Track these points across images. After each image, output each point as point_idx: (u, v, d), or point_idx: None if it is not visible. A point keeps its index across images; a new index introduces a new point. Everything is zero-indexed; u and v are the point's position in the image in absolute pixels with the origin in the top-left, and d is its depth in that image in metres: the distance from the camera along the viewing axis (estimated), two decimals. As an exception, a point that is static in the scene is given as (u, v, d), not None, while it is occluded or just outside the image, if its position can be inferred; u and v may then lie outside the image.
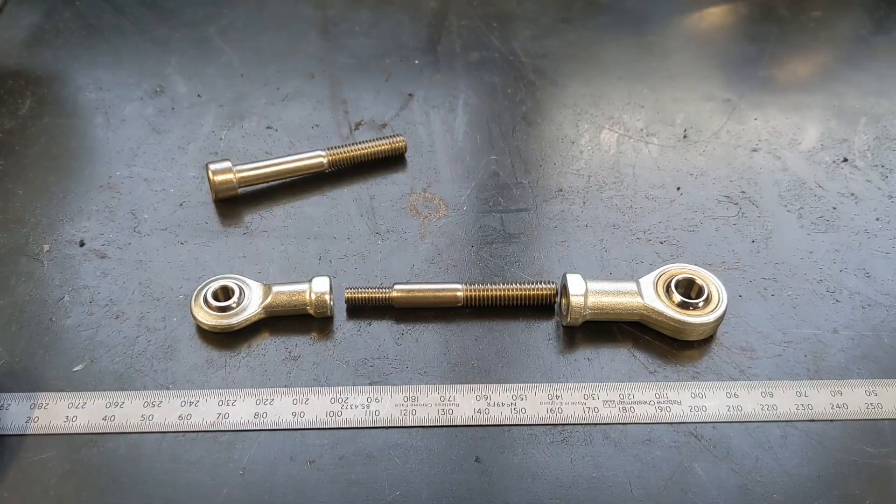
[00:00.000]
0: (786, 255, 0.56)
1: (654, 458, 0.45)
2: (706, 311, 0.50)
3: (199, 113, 0.67)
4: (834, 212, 0.60)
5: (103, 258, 0.55)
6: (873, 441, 0.46)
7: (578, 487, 0.44)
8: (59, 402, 0.46)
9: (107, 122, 0.66)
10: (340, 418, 0.46)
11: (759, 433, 0.46)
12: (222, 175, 0.58)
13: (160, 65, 0.71)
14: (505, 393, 0.48)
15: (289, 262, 0.55)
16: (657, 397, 0.48)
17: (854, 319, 0.52)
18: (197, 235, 0.57)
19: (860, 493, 0.43)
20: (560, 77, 0.72)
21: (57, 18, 0.76)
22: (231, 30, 0.76)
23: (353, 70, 0.72)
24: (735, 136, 0.66)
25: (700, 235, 0.58)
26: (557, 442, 0.46)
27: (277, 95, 0.69)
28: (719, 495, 0.43)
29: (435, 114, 0.68)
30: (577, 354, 0.50)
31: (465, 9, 0.79)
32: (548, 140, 0.66)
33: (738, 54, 0.75)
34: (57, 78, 0.70)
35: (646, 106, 0.69)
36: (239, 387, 0.48)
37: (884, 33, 0.77)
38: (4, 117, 0.66)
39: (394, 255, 0.56)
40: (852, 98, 0.70)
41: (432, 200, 0.60)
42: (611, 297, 0.50)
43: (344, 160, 0.61)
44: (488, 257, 0.56)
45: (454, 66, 0.72)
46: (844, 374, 0.49)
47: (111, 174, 0.61)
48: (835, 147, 0.65)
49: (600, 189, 0.61)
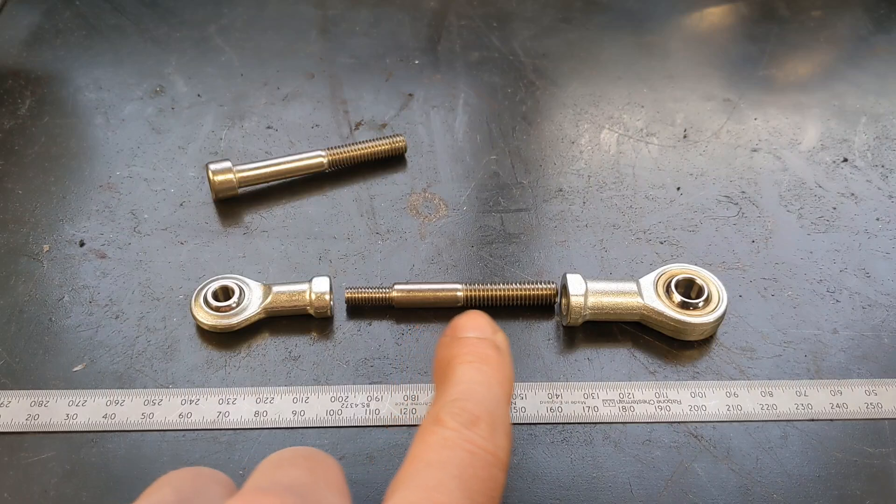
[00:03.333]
0: (786, 255, 0.56)
1: (654, 458, 0.45)
2: (706, 311, 0.50)
3: (199, 113, 0.67)
4: (834, 212, 0.60)
5: (103, 258, 0.55)
6: (873, 441, 0.46)
7: (578, 487, 0.44)
8: (60, 399, 0.46)
9: (107, 122, 0.66)
10: (340, 417, 0.46)
11: (759, 433, 0.46)
12: (222, 175, 0.58)
13: (160, 65, 0.71)
14: (505, 393, 0.48)
15: (289, 262, 0.55)
16: (657, 396, 0.48)
17: (854, 319, 0.52)
18: (197, 235, 0.57)
19: (860, 493, 0.44)
20: (560, 77, 0.72)
21: (57, 18, 0.76)
22: (231, 30, 0.76)
23: (353, 70, 0.72)
24: (735, 136, 0.66)
25: (700, 235, 0.58)
26: (557, 442, 0.46)
27: (277, 95, 0.69)
28: (719, 495, 0.43)
29: (435, 114, 0.68)
30: (577, 354, 0.50)
31: (465, 9, 0.79)
32: (548, 140, 0.66)
33: (738, 54, 0.75)
34: (57, 78, 0.70)
35: (646, 106, 0.69)
36: (239, 387, 0.48)
37: (884, 33, 0.77)
38: (4, 117, 0.66)
39: (394, 255, 0.56)
40: (852, 98, 0.70)
41: (432, 200, 0.60)
42: (611, 297, 0.50)
43: (344, 160, 0.61)
44: (488, 257, 0.56)
45: (454, 66, 0.72)
46: (844, 374, 0.49)
47: (111, 174, 0.61)
48: (835, 147, 0.65)
49: (600, 189, 0.61)
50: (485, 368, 0.36)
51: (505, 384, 0.36)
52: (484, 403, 0.33)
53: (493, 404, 0.34)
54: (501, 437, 0.33)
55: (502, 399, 0.35)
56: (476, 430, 0.32)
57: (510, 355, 0.38)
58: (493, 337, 0.38)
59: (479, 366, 0.36)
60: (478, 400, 0.33)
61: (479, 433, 0.32)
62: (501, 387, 0.35)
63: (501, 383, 0.36)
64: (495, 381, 0.35)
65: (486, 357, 0.36)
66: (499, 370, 0.36)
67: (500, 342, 0.38)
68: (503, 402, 0.35)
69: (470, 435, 0.32)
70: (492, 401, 0.34)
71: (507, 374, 0.37)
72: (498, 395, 0.35)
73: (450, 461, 0.31)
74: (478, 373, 0.35)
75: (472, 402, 0.33)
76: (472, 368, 0.35)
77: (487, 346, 0.37)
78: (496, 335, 0.38)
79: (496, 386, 0.35)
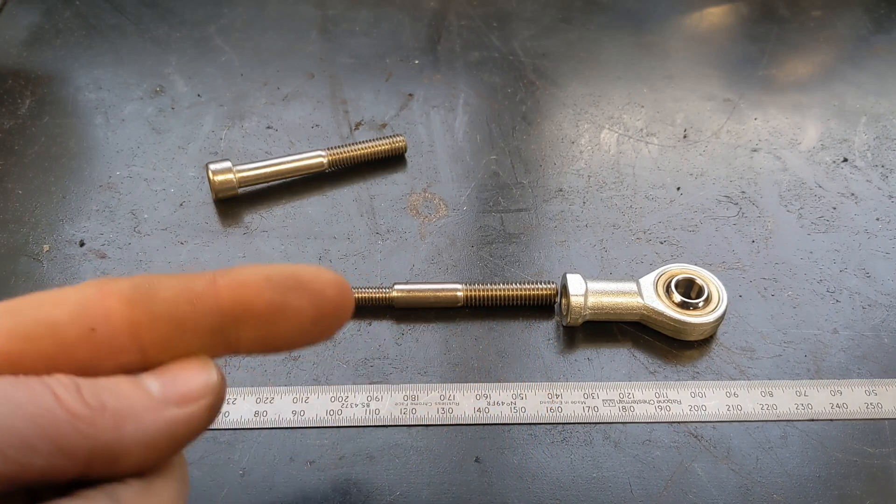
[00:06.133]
0: (786, 255, 0.56)
1: (654, 458, 0.45)
2: (706, 311, 0.50)
3: (199, 113, 0.67)
4: (834, 212, 0.60)
5: (103, 258, 0.55)
6: (873, 441, 0.46)
7: (578, 487, 0.44)
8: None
9: (106, 122, 0.66)
10: (340, 417, 0.46)
11: (759, 433, 0.46)
12: (222, 175, 0.58)
13: (160, 65, 0.71)
14: (504, 392, 0.48)
15: (289, 262, 0.55)
16: (657, 396, 0.48)
17: (854, 319, 0.52)
18: (197, 235, 0.57)
19: (860, 493, 0.43)
20: (560, 77, 0.72)
21: (57, 18, 0.76)
22: (231, 29, 0.76)
23: (353, 70, 0.72)
24: (735, 136, 0.66)
25: (700, 235, 0.58)
26: (557, 442, 0.46)
27: (277, 95, 0.69)
28: (719, 495, 0.43)
29: (435, 114, 0.68)
30: (577, 354, 0.50)
31: (465, 9, 0.79)
32: (548, 140, 0.66)
33: (738, 54, 0.75)
34: (57, 78, 0.70)
35: (646, 106, 0.69)
36: (239, 386, 0.48)
37: (884, 33, 0.77)
38: (4, 117, 0.66)
39: (394, 255, 0.56)
40: (852, 98, 0.70)
41: (432, 200, 0.60)
42: (611, 297, 0.50)
43: (344, 160, 0.61)
44: (488, 257, 0.56)
45: (454, 66, 0.72)
46: (844, 374, 0.49)
47: (111, 174, 0.61)
48: (835, 147, 0.65)
49: (600, 189, 0.61)
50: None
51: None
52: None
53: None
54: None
55: None
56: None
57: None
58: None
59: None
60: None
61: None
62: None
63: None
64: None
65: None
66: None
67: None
68: None
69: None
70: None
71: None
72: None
73: None
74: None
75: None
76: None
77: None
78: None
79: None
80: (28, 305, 0.26)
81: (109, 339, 0.26)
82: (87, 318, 0.26)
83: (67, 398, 0.24)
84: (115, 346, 0.26)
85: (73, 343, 0.26)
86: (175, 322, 0.27)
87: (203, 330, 0.27)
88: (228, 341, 0.28)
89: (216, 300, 0.27)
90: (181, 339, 0.27)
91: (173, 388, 0.26)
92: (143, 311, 0.26)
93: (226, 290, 0.27)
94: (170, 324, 0.27)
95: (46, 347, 0.25)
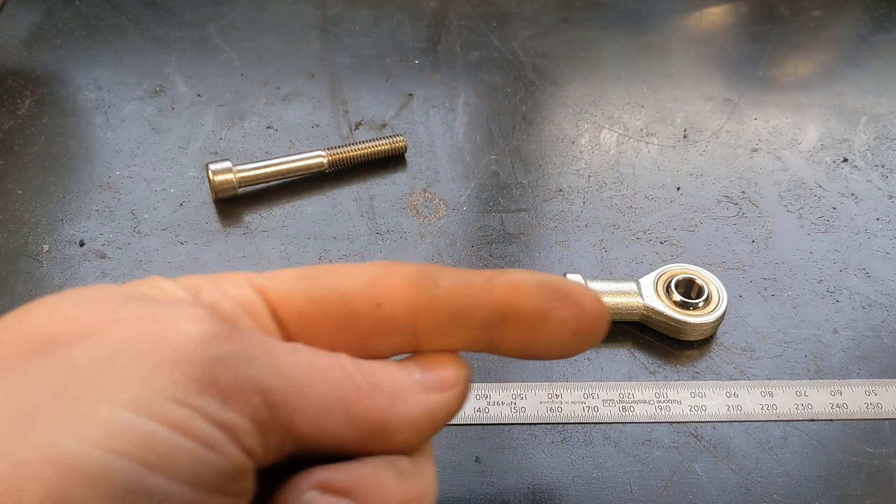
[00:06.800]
0: (786, 255, 0.56)
1: (654, 458, 0.45)
2: (706, 311, 0.50)
3: (199, 113, 0.67)
4: (834, 212, 0.60)
5: (103, 258, 0.55)
6: (873, 441, 0.46)
7: (578, 487, 0.44)
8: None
9: (106, 122, 0.66)
10: (340, 418, 0.46)
11: (759, 433, 0.46)
12: (222, 175, 0.58)
13: (160, 64, 0.71)
14: (504, 391, 0.48)
15: (289, 262, 0.55)
16: (657, 396, 0.48)
17: (854, 319, 0.52)
18: (197, 235, 0.57)
19: (860, 493, 0.43)
20: (560, 77, 0.72)
21: (57, 18, 0.76)
22: (231, 29, 0.76)
23: (353, 70, 0.72)
24: (735, 136, 0.66)
25: (700, 235, 0.58)
26: (557, 442, 0.46)
27: (277, 95, 0.69)
28: (719, 495, 0.43)
29: (435, 114, 0.68)
30: (577, 354, 0.50)
31: (465, 9, 0.79)
32: (548, 140, 0.66)
33: (738, 54, 0.75)
34: (56, 78, 0.70)
35: (646, 106, 0.69)
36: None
37: (884, 33, 0.77)
38: (4, 117, 0.66)
39: (394, 255, 0.56)
40: (852, 98, 0.70)
41: (432, 200, 0.60)
42: (611, 297, 0.50)
43: (344, 160, 0.61)
44: (488, 257, 0.56)
45: (454, 66, 0.72)
46: (844, 374, 0.49)
47: (111, 174, 0.61)
48: (835, 147, 0.65)
49: (600, 189, 0.61)
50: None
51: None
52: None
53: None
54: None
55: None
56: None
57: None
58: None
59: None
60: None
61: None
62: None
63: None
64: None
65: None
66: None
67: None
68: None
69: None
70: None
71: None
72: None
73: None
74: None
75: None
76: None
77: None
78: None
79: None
80: (324, 273, 0.27)
81: (390, 318, 0.27)
82: (376, 294, 0.27)
83: (354, 373, 0.25)
84: (393, 325, 0.27)
85: (360, 315, 0.27)
86: (453, 311, 0.28)
87: (475, 323, 0.28)
88: (493, 340, 0.29)
89: (491, 297, 0.28)
90: (455, 327, 0.28)
91: (433, 374, 0.28)
92: (426, 295, 0.27)
93: (500, 288, 0.28)
94: (448, 312, 0.28)
95: (336, 314, 0.27)
